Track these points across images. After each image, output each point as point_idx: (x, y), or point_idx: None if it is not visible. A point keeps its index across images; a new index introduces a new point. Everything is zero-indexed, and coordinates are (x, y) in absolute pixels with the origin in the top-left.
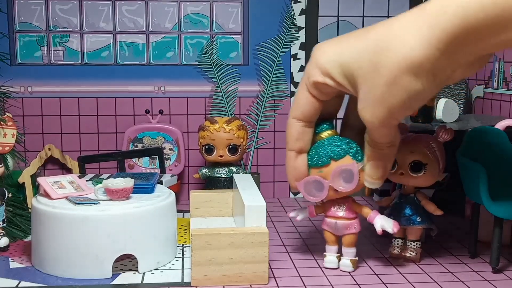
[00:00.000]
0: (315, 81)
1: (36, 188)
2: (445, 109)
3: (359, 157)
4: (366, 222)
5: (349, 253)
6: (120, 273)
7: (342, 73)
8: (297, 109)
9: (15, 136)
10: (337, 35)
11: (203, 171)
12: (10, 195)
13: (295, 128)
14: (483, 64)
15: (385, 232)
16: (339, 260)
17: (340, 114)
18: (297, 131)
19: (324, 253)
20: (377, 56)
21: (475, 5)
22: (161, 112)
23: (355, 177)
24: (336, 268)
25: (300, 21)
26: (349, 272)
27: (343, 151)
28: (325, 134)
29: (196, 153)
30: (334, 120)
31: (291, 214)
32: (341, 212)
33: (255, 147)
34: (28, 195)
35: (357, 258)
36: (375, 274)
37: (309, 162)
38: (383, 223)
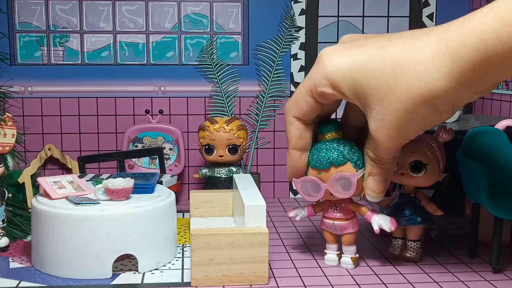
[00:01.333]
0: (323, 92)
1: (36, 188)
2: None
3: (360, 165)
4: (366, 222)
5: (349, 251)
6: (120, 273)
7: (353, 89)
8: (297, 110)
9: (15, 136)
10: (337, 35)
11: (203, 171)
12: (10, 195)
13: (296, 127)
14: (496, 86)
15: (384, 232)
16: (340, 257)
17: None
18: (298, 130)
19: (325, 251)
20: (396, 81)
21: (493, 38)
22: (161, 112)
23: (353, 187)
24: (337, 266)
25: (300, 21)
26: (349, 270)
27: (344, 158)
28: (329, 135)
29: (196, 153)
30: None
31: (291, 214)
32: (338, 213)
33: (255, 147)
34: (28, 195)
35: (357, 255)
36: (375, 274)
37: (309, 162)
38: (380, 221)
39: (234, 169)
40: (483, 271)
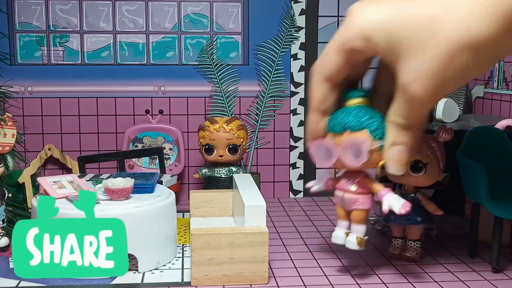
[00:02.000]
0: (353, 47)
1: (36, 188)
2: (445, 109)
3: (379, 135)
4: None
5: (357, 230)
6: None
7: (387, 40)
8: (324, 70)
9: (15, 136)
10: None
11: (203, 171)
12: (10, 195)
13: (321, 89)
14: None
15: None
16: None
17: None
18: (323, 93)
19: (335, 227)
20: (435, 23)
21: None
22: (161, 112)
23: (363, 154)
24: (342, 244)
25: (300, 21)
26: (350, 271)
27: (361, 124)
28: (354, 101)
29: (196, 153)
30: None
31: (309, 184)
32: (350, 185)
33: (255, 147)
34: (28, 195)
35: (366, 237)
36: (375, 274)
37: (327, 126)
38: (391, 202)
39: (234, 169)
40: (483, 271)
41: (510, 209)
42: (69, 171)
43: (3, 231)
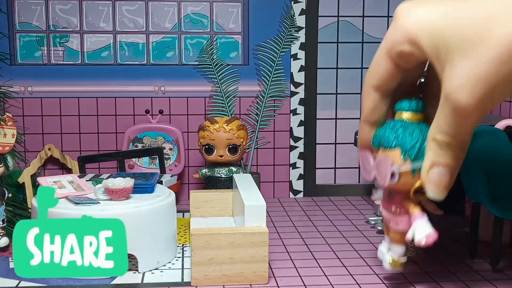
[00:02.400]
0: (401, 51)
1: (36, 188)
2: None
3: (412, 156)
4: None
5: (393, 249)
6: None
7: (435, 43)
8: (375, 78)
9: (15, 136)
10: (337, 35)
11: (203, 171)
12: (10, 195)
13: (372, 99)
14: None
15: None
16: None
17: None
18: (374, 101)
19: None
20: (488, 26)
21: None
22: (161, 112)
23: (387, 176)
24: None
25: (300, 21)
26: (349, 270)
27: (396, 142)
28: (404, 115)
29: (196, 153)
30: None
31: (374, 195)
32: (387, 202)
33: (255, 147)
34: (28, 195)
35: (402, 260)
36: (375, 274)
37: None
38: (416, 229)
39: (234, 169)
40: (483, 271)
41: (510, 209)
42: (69, 171)
43: (3, 231)
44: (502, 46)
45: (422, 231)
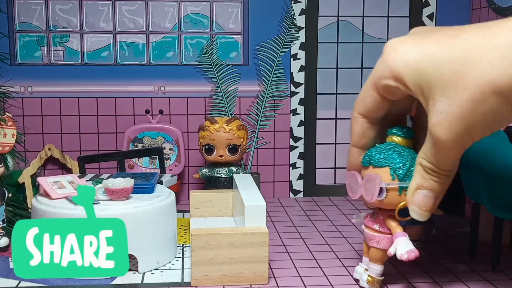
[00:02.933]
0: (386, 84)
1: (36, 188)
2: None
3: (400, 175)
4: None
5: (372, 268)
6: None
7: (417, 81)
8: (362, 106)
9: (15, 136)
10: (337, 35)
11: (203, 171)
12: (10, 195)
13: (360, 124)
14: None
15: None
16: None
17: None
18: (362, 128)
19: (359, 262)
20: (464, 67)
21: None
22: (161, 112)
23: (375, 191)
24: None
25: (300, 21)
26: (349, 270)
27: (385, 161)
28: (394, 138)
29: (196, 153)
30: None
31: (353, 219)
32: (371, 221)
33: (255, 147)
34: (28, 195)
35: (380, 279)
36: None
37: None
38: (398, 245)
39: (234, 169)
40: (483, 271)
41: (510, 209)
42: (69, 171)
43: (3, 231)
44: (477, 87)
45: (404, 247)
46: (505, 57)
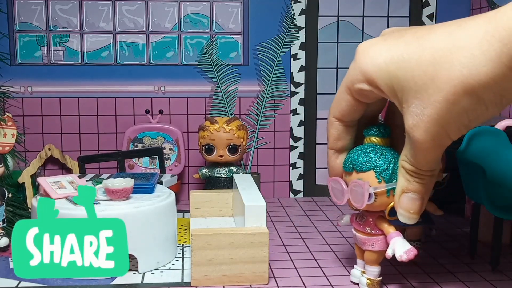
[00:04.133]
0: (360, 88)
1: (36, 188)
2: None
3: (386, 177)
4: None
5: (369, 271)
6: None
7: (390, 84)
8: (337, 109)
9: (15, 136)
10: (337, 35)
11: (203, 171)
12: (10, 195)
13: (335, 128)
14: None
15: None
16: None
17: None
18: (337, 131)
19: (354, 265)
20: (435, 68)
21: None
22: (161, 112)
23: (364, 197)
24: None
25: (300, 21)
26: (349, 270)
27: (369, 164)
28: (372, 139)
29: (196, 153)
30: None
31: (340, 222)
32: (361, 224)
33: (255, 147)
34: (28, 195)
35: (379, 279)
36: None
37: (343, 164)
38: (395, 246)
39: (234, 169)
40: (483, 271)
41: (510, 209)
42: (69, 171)
43: (3, 231)
44: (449, 88)
45: (401, 247)
46: (475, 56)
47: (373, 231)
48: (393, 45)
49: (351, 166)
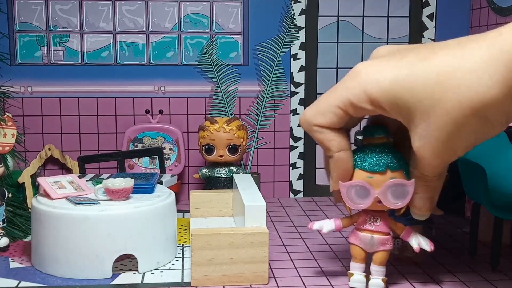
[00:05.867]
0: (361, 107)
1: (36, 188)
2: None
3: (408, 177)
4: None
5: (380, 271)
6: (120, 273)
7: (395, 105)
8: (323, 119)
9: (15, 136)
10: (337, 35)
11: (203, 171)
12: (10, 195)
13: (329, 132)
14: None
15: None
16: (368, 280)
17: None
18: (332, 133)
19: (350, 271)
20: (441, 91)
21: None
22: (161, 112)
23: (409, 196)
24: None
25: (300, 21)
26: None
27: (399, 164)
28: (381, 140)
29: (196, 153)
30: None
31: (315, 226)
32: (376, 226)
33: (255, 147)
34: (28, 195)
35: (387, 278)
36: None
37: (358, 165)
38: (420, 240)
39: (234, 169)
40: (483, 271)
41: (510, 209)
42: (69, 171)
43: (3, 231)
44: (458, 111)
45: (424, 241)
46: (482, 80)
47: (387, 230)
48: (396, 67)
49: (385, 164)
